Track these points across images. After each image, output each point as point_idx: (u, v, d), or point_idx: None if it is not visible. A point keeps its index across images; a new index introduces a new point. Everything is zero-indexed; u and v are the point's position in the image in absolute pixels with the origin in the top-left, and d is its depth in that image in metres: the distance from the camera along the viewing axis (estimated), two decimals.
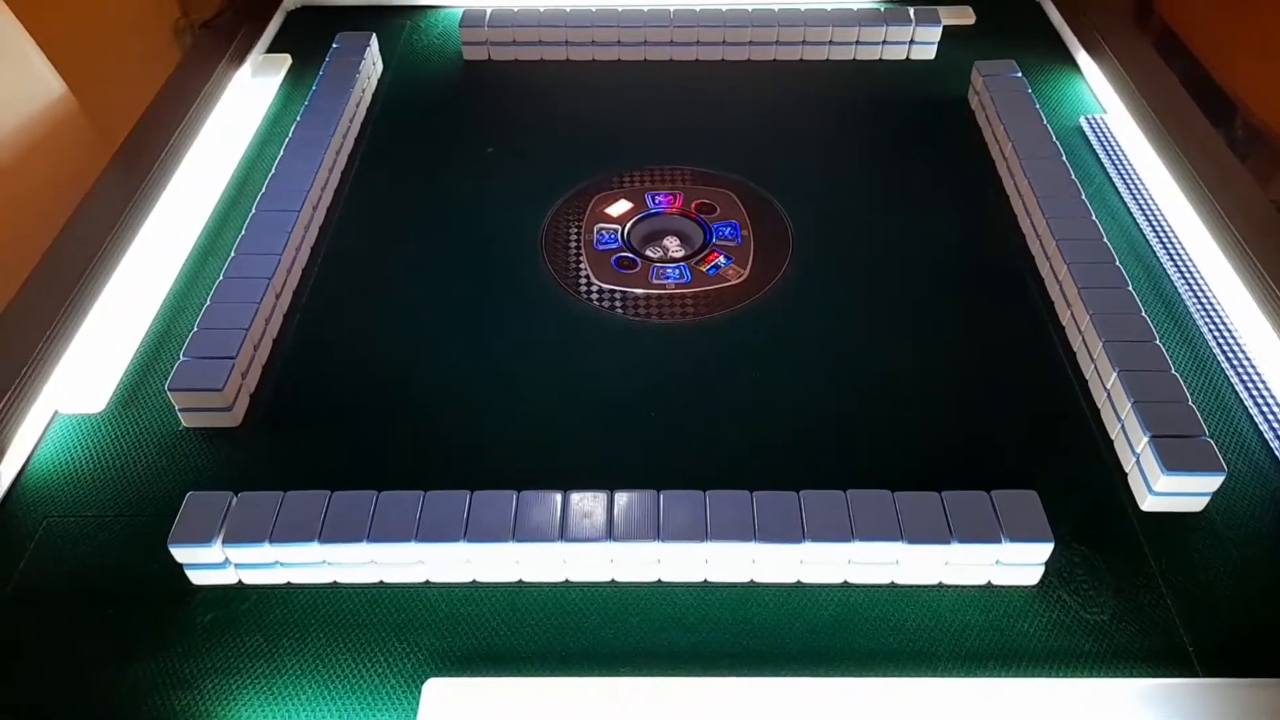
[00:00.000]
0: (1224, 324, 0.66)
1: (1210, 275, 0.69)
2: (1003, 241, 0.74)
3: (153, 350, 0.66)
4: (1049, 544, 0.50)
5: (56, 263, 0.69)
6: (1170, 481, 0.53)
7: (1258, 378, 0.62)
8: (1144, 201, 0.76)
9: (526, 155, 0.83)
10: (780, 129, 0.86)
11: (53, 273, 0.68)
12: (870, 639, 0.50)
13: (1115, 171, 0.79)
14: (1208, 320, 0.66)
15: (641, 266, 0.72)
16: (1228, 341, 0.65)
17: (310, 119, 0.80)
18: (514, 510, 0.51)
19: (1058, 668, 0.49)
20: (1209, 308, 0.67)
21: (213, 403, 0.59)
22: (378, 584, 0.53)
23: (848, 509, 0.51)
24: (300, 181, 0.73)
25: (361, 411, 0.62)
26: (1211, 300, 0.67)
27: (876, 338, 0.67)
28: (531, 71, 0.93)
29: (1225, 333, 0.65)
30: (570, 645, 0.50)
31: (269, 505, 0.52)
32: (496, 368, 0.65)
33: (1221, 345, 0.64)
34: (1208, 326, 0.66)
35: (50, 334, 0.64)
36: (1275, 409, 0.60)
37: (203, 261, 0.73)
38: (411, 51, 0.95)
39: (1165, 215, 0.74)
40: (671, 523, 0.51)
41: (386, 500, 0.52)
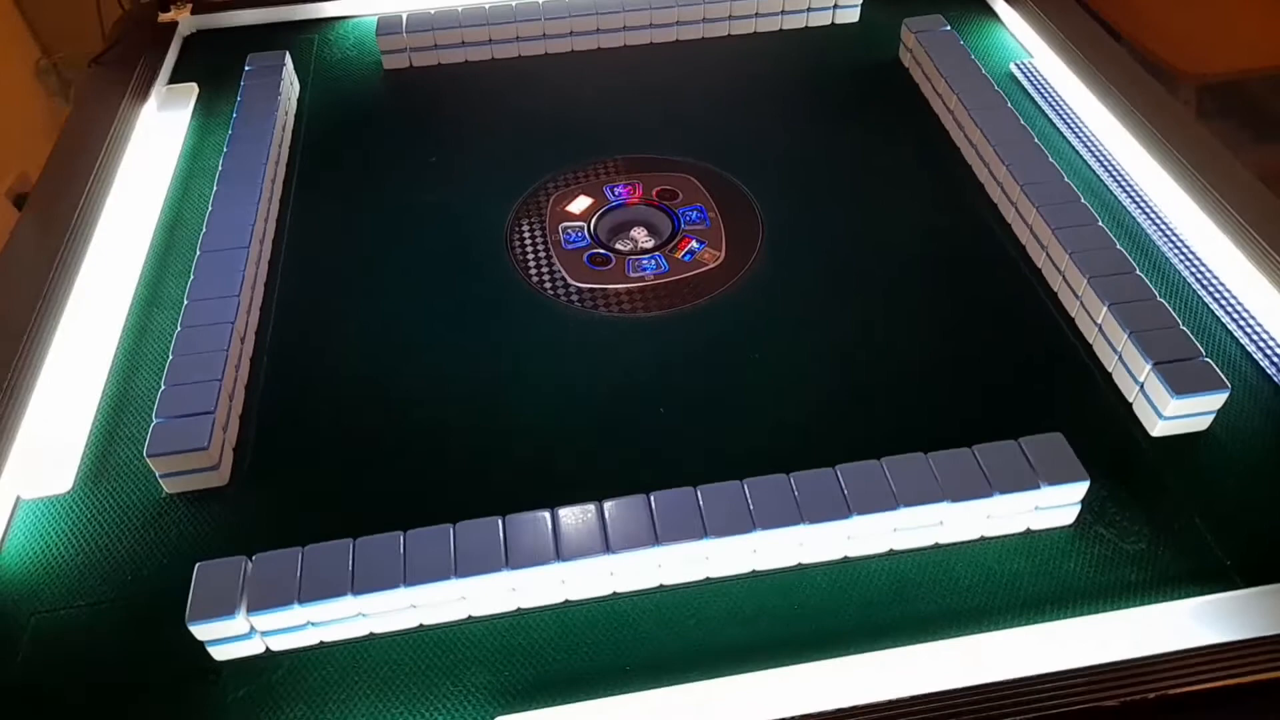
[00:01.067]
0: (1186, 247, 0.68)
1: (1163, 202, 0.71)
2: (962, 194, 0.75)
3: (112, 417, 0.61)
4: (1085, 483, 0.51)
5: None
6: (1179, 405, 0.55)
7: (1228, 293, 0.65)
8: (1087, 138, 0.78)
9: (471, 161, 0.80)
10: (723, 106, 0.85)
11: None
12: (926, 603, 0.50)
13: (1053, 112, 0.81)
14: (1171, 245, 0.68)
15: (616, 261, 0.70)
16: (1193, 263, 0.67)
17: (237, 149, 0.75)
18: (551, 529, 0.49)
19: (1109, 601, 0.50)
20: (1169, 233, 0.69)
21: (197, 463, 0.55)
22: (417, 628, 0.50)
23: (886, 477, 0.51)
24: (242, 216, 0.69)
25: (352, 449, 0.59)
26: (1169, 226, 0.70)
27: (863, 306, 0.66)
28: (458, 74, 0.90)
29: (1189, 255, 0.67)
30: (630, 658, 0.48)
31: (288, 564, 0.48)
32: (485, 384, 0.62)
33: (1188, 267, 0.67)
34: (1172, 252, 0.68)
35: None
36: (1249, 321, 0.63)
37: (147, 314, 0.68)
38: (327, 67, 0.91)
39: (1109, 149, 0.76)
40: (715, 517, 0.49)
41: (414, 540, 0.49)
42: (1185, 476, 0.55)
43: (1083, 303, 0.62)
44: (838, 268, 0.69)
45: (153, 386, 0.62)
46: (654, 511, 0.50)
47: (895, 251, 0.70)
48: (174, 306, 0.68)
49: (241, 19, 0.97)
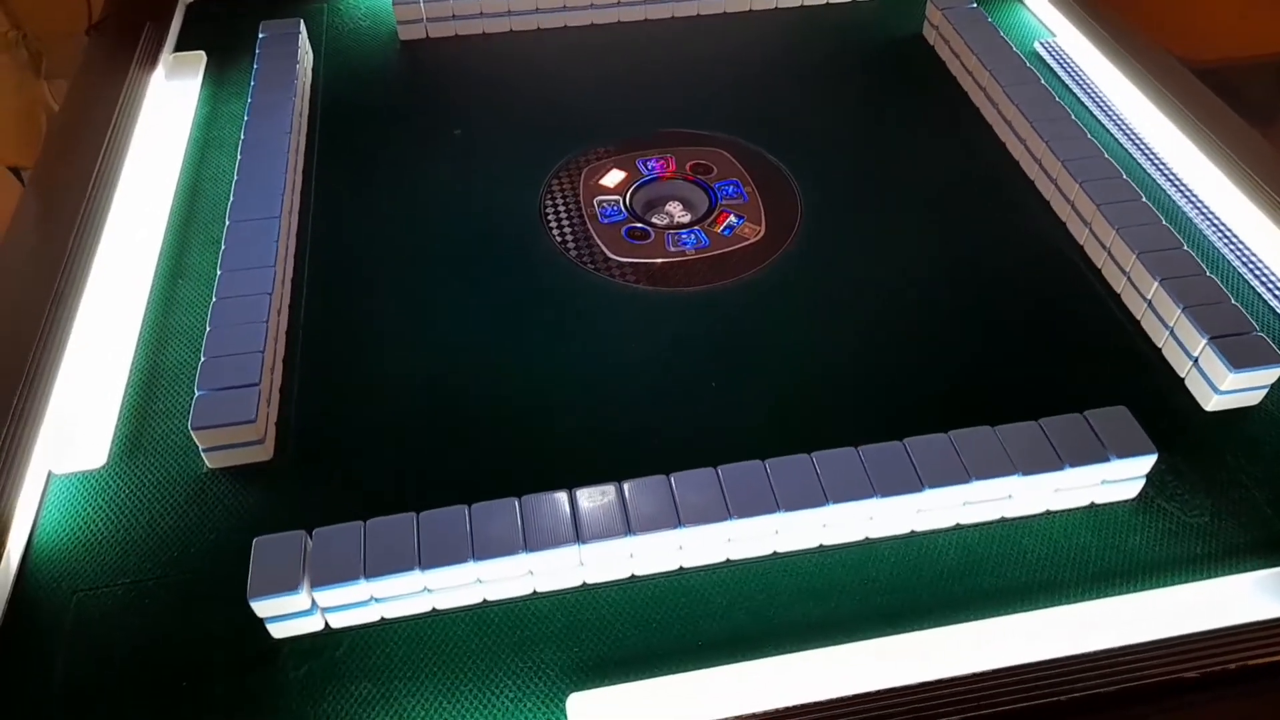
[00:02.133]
0: (1220, 221, 0.68)
1: (1194, 178, 0.71)
2: (997, 171, 0.74)
3: (144, 389, 0.59)
4: (1152, 455, 0.51)
5: (7, 312, 0.61)
6: (1237, 379, 0.55)
7: (1265, 267, 0.65)
8: (1115, 116, 0.78)
9: (497, 134, 0.78)
10: (750, 82, 0.84)
11: (7, 325, 0.60)
12: (995, 577, 0.50)
13: (1081, 90, 0.81)
14: (1205, 219, 0.68)
15: (655, 235, 0.69)
16: (1229, 237, 0.67)
17: (258, 119, 0.73)
18: (622, 503, 0.48)
19: (1176, 574, 0.50)
20: (1205, 210, 0.69)
21: (243, 437, 0.53)
22: (481, 604, 0.49)
23: (955, 451, 0.50)
24: (270, 187, 0.67)
25: (397, 425, 0.57)
26: (1200, 200, 0.70)
27: (908, 283, 0.66)
28: (475, 46, 0.88)
29: (1223, 229, 0.68)
30: (701, 634, 0.48)
31: (351, 539, 0.47)
32: (531, 357, 0.61)
33: (1224, 242, 0.67)
34: (1206, 226, 0.68)
35: (22, 390, 0.56)
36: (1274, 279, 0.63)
37: (172, 286, 0.65)
38: (340, 37, 0.88)
39: (1138, 127, 0.77)
40: (785, 491, 0.49)
41: (480, 514, 0.48)
42: (1241, 450, 0.55)
43: (1130, 279, 0.62)
44: (880, 244, 0.69)
45: (185, 359, 0.60)
46: (723, 485, 0.49)
47: (935, 227, 0.70)
48: (200, 278, 0.65)
49: None
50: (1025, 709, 0.43)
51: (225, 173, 0.74)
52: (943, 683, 0.44)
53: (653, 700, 0.44)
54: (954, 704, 0.44)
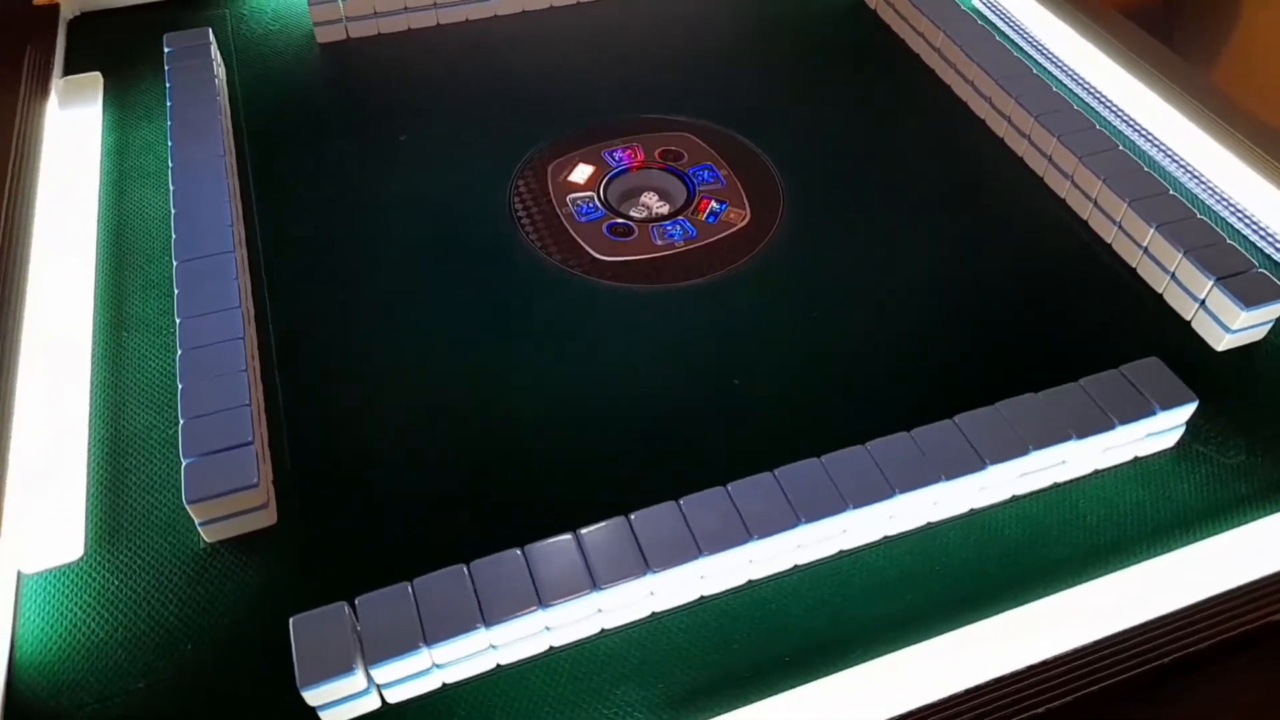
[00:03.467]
0: (1189, 164, 0.69)
1: (1155, 123, 0.73)
2: (962, 130, 0.74)
3: (110, 463, 0.52)
4: (1193, 404, 0.51)
5: None
6: (1248, 317, 0.56)
7: (1231, 199, 0.66)
8: (1062, 66, 0.79)
9: (447, 136, 0.73)
10: (701, 61, 0.81)
11: None
12: (1061, 545, 0.49)
13: (1025, 42, 0.81)
14: (1175, 163, 0.70)
15: (639, 230, 0.66)
16: (1199, 178, 0.68)
17: (185, 143, 0.66)
18: (685, 523, 0.45)
19: (1229, 516, 0.50)
20: (1170, 153, 0.70)
21: (245, 504, 0.48)
22: (547, 652, 0.45)
23: (1008, 423, 0.49)
24: (216, 218, 0.60)
25: (406, 464, 0.52)
26: (1168, 145, 0.71)
27: (903, 252, 0.65)
28: (402, 44, 0.82)
29: (1193, 171, 0.69)
30: (784, 647, 0.45)
31: (400, 604, 0.42)
32: (532, 372, 0.57)
33: (1197, 182, 0.68)
34: (1178, 169, 0.69)
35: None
36: (1263, 228, 0.65)
37: (116, 340, 0.58)
38: (250, 45, 0.81)
39: (1086, 74, 0.77)
40: (850, 487, 0.47)
41: (537, 555, 0.44)
42: (1259, 386, 0.56)
43: (1121, 227, 0.63)
44: (868, 217, 0.67)
45: (151, 422, 0.54)
46: (785, 490, 0.47)
47: (914, 192, 0.69)
48: (148, 327, 0.59)
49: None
50: (1131, 679, 0.43)
51: (152, 206, 0.66)
52: (1038, 667, 0.43)
53: None
54: (1058, 687, 0.43)
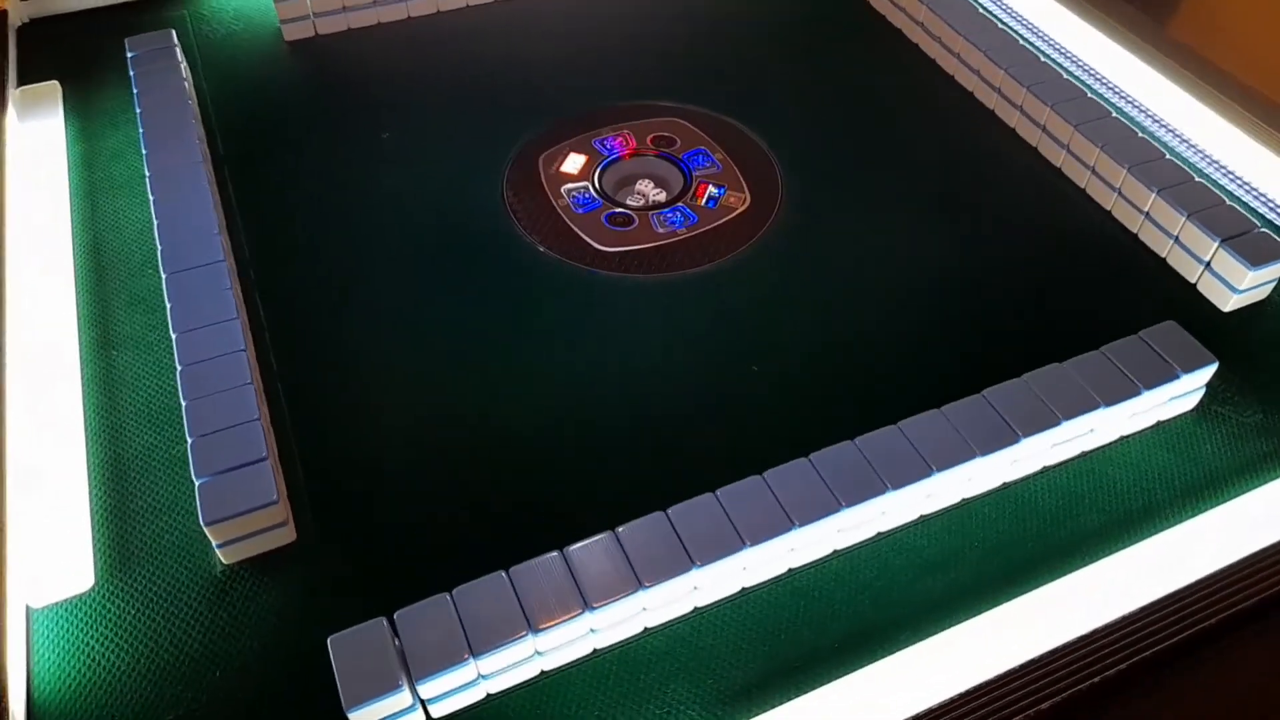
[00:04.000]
0: (1177, 129, 0.70)
1: (1142, 90, 0.73)
2: (955, 104, 0.74)
3: (113, 487, 0.50)
4: (1213, 365, 0.51)
5: None
6: (1255, 276, 0.56)
7: (1229, 168, 0.67)
8: (1044, 36, 0.79)
9: (431, 131, 0.71)
10: (684, 44, 0.80)
11: None
12: (1096, 513, 0.49)
13: (1006, 15, 0.81)
14: (1164, 129, 0.70)
15: (640, 219, 0.64)
16: (1188, 142, 0.69)
17: (160, 151, 0.63)
18: (726, 514, 0.44)
19: (1255, 474, 0.50)
20: (1157, 119, 0.71)
21: (264, 522, 0.46)
22: (590, 655, 0.44)
23: (1037, 395, 0.49)
24: (202, 227, 0.58)
25: (422, 467, 0.51)
26: (1155, 112, 0.71)
27: (907, 227, 0.64)
28: (373, 38, 0.80)
29: (1181, 135, 0.69)
30: (833, 633, 0.44)
31: (441, 616, 0.41)
32: (543, 369, 0.55)
33: (1187, 146, 0.69)
34: (1167, 134, 0.69)
35: None
36: (1254, 188, 0.65)
37: (105, 360, 0.55)
38: (213, 45, 0.78)
39: (1068, 43, 0.78)
40: (889, 470, 0.46)
41: (579, 557, 0.43)
42: (1268, 344, 0.57)
43: (1121, 193, 0.63)
44: (867, 195, 0.67)
45: (152, 443, 0.51)
46: (822, 476, 0.46)
47: (909, 167, 0.68)
48: (137, 344, 0.56)
49: (84, 0, 0.81)
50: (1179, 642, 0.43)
51: (128, 218, 0.64)
52: (1087, 638, 0.43)
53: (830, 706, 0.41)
54: (1108, 656, 0.43)
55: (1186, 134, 0.69)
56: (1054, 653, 0.43)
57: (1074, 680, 0.42)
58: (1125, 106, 0.72)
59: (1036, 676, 0.42)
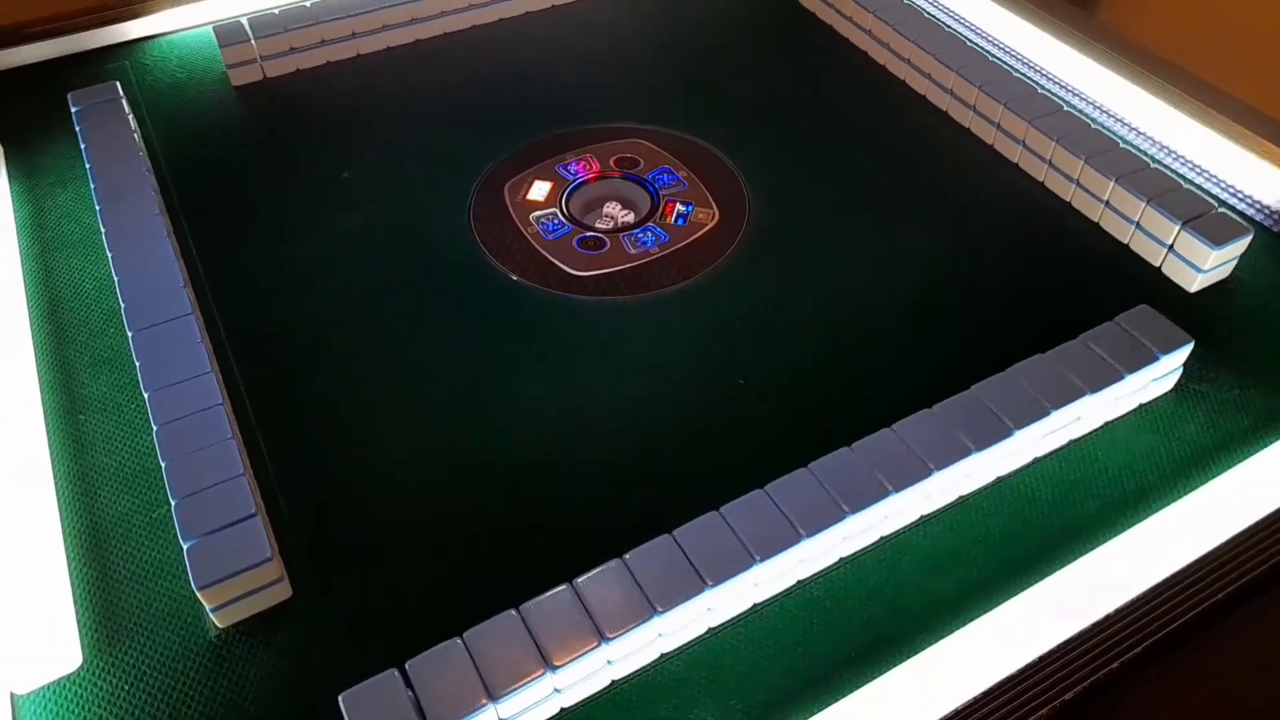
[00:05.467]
0: (1121, 117, 0.72)
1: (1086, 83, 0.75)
2: (906, 107, 0.75)
3: (92, 558, 0.48)
4: (1189, 345, 0.52)
5: None
6: (1218, 255, 0.58)
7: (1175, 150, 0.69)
8: (989, 37, 0.80)
9: (390, 167, 0.70)
10: (631, 66, 0.80)
11: None
12: (1090, 500, 0.49)
13: (947, 17, 0.83)
14: (1110, 118, 0.72)
15: (611, 241, 0.64)
16: (1136, 129, 0.71)
17: (114, 206, 0.61)
18: (732, 531, 0.44)
19: (1240, 447, 0.51)
20: (1103, 109, 0.73)
21: (258, 581, 0.44)
22: (609, 688, 0.43)
23: (1026, 388, 0.50)
24: (166, 280, 0.56)
25: (411, 509, 0.50)
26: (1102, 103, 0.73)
27: (876, 236, 0.65)
28: (324, 77, 0.79)
29: (1127, 122, 0.71)
30: (848, 642, 0.44)
31: (455, 661, 0.40)
32: (530, 401, 0.55)
33: (1135, 133, 0.70)
34: (1114, 123, 0.71)
35: None
36: (1204, 169, 0.67)
37: (72, 424, 0.53)
38: (159, 95, 0.76)
39: (1013, 43, 0.79)
40: (891, 473, 0.46)
41: (589, 587, 0.42)
42: (1235, 321, 0.58)
43: (1079, 183, 0.64)
44: (833, 203, 0.67)
45: (130, 507, 0.49)
46: (824, 484, 0.46)
47: (872, 174, 0.69)
48: (105, 406, 0.54)
49: (19, 57, 0.79)
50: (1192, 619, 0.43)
51: (85, 276, 0.62)
52: (1102, 624, 0.44)
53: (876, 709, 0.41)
54: (1127, 639, 0.43)
55: (1133, 121, 0.71)
56: (1070, 642, 0.43)
57: (1094, 668, 0.42)
58: (1074, 100, 0.73)
59: (1056, 668, 0.42)
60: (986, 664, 0.42)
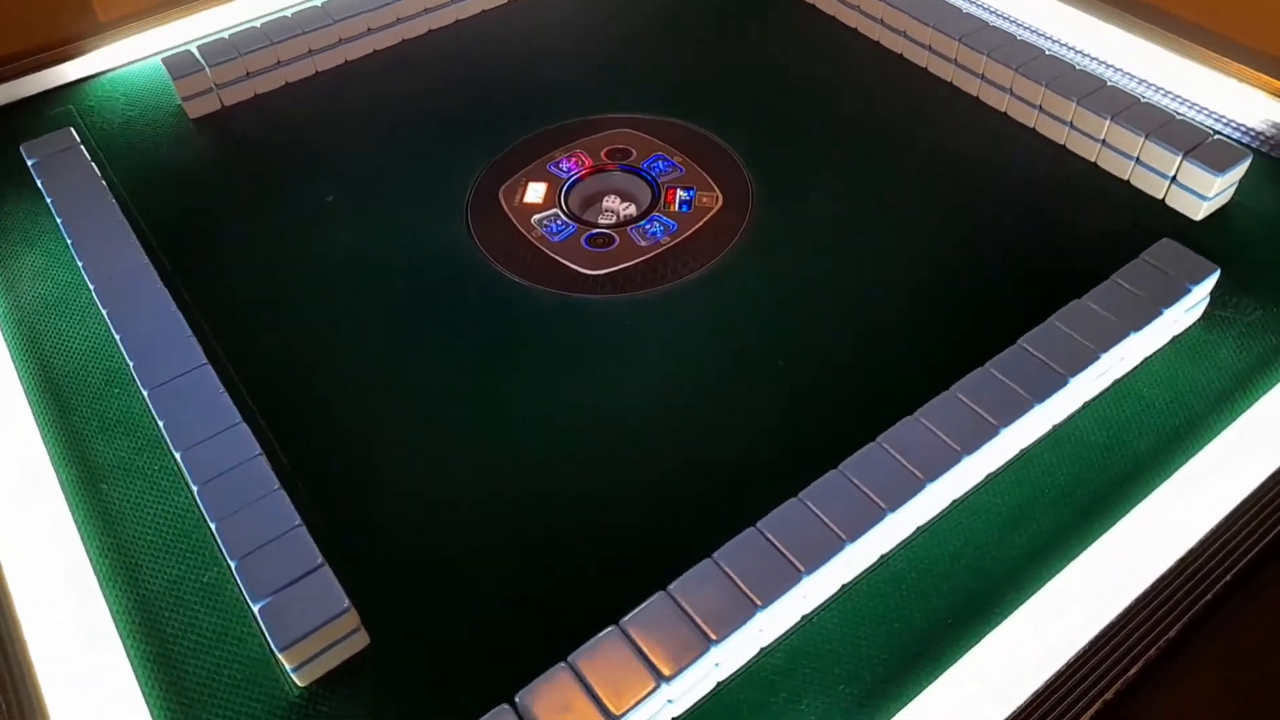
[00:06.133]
0: (1098, 57, 0.73)
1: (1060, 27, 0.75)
2: (881, 67, 0.74)
3: (147, 633, 0.45)
4: (1216, 273, 0.53)
5: None
6: (1221, 181, 0.59)
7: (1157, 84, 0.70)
8: None
9: (374, 187, 0.68)
10: (605, 56, 0.78)
11: None
12: (1145, 437, 0.50)
13: None
14: (1088, 59, 0.72)
15: (619, 237, 0.63)
16: (1111, 66, 0.72)
17: (95, 258, 0.58)
18: (817, 516, 0.43)
19: (1275, 365, 0.52)
20: (1080, 51, 0.73)
21: (338, 633, 0.42)
22: (715, 689, 0.42)
23: (1071, 334, 0.50)
24: (170, 330, 0.53)
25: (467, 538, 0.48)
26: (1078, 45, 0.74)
27: (881, 202, 0.65)
28: (283, 100, 0.75)
29: (1103, 62, 0.72)
30: (940, 610, 0.44)
31: (565, 686, 0.39)
32: (565, 412, 0.53)
33: (1116, 71, 0.71)
34: (1092, 64, 0.72)
35: None
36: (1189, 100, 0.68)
37: (93, 495, 0.50)
38: (112, 136, 0.72)
39: None
40: (957, 435, 0.46)
41: (684, 591, 0.41)
42: (1245, 244, 0.59)
43: (1074, 125, 0.65)
44: (833, 173, 0.67)
45: (177, 574, 0.47)
46: (897, 456, 0.45)
47: (861, 140, 0.69)
48: (127, 471, 0.52)
49: None
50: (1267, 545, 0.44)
51: (72, 338, 0.58)
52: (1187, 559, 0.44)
53: (958, 701, 0.41)
54: (1212, 572, 0.44)
55: (1113, 61, 0.72)
56: (1162, 580, 0.43)
57: (1190, 601, 0.43)
58: (1052, 46, 0.74)
59: (1154, 607, 0.43)
60: (1081, 613, 0.43)
